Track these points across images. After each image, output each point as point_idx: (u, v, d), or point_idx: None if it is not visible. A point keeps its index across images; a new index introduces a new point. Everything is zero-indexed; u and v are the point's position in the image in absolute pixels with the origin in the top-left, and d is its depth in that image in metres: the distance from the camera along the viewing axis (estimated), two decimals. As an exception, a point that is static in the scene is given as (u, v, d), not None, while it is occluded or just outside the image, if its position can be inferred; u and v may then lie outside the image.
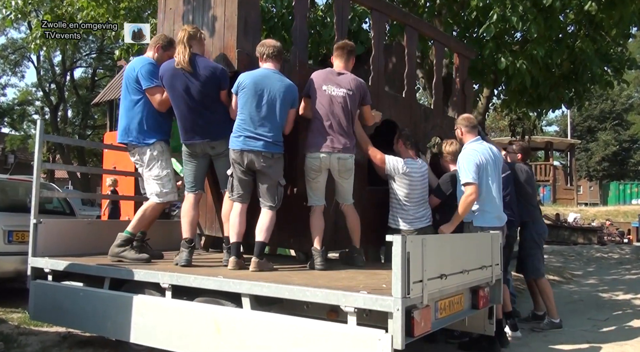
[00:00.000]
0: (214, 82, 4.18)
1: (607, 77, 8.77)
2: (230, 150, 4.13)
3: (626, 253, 13.17)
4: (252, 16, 4.29)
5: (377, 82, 5.16)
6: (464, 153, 4.77)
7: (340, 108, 4.28)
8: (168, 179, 4.49)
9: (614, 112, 42.45)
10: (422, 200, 4.92)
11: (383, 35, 5.49)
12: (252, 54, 4.25)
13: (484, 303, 4.12)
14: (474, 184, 4.60)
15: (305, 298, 3.25)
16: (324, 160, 4.24)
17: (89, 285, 4.33)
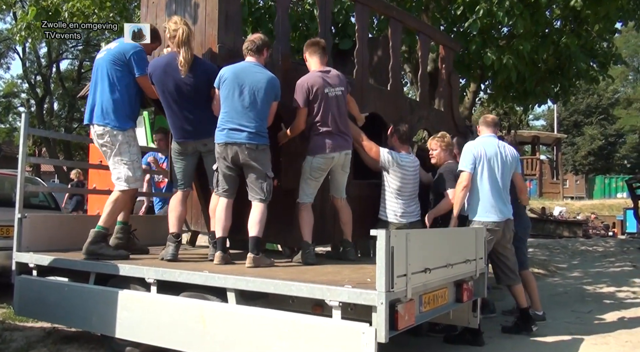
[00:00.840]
0: (206, 80, 4.15)
1: (592, 72, 8.85)
2: (216, 144, 4.12)
3: (610, 246, 13.34)
4: (232, 10, 4.25)
5: (362, 75, 5.16)
6: (467, 145, 4.97)
7: (340, 106, 4.40)
8: (139, 165, 4.45)
9: (600, 107, 42.77)
10: (413, 195, 4.98)
11: (367, 28, 5.48)
12: (233, 48, 4.23)
13: (468, 296, 4.17)
14: (466, 172, 4.78)
15: (290, 293, 3.27)
16: (335, 159, 4.35)
17: (74, 280, 4.31)
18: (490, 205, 4.82)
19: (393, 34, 5.63)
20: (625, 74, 48.80)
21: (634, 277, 8.63)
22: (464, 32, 7.82)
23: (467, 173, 4.78)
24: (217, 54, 4.20)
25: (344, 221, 4.57)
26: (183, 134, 4.27)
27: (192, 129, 4.24)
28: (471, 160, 4.81)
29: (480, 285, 4.41)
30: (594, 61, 8.92)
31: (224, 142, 4.06)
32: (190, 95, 4.14)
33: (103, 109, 4.30)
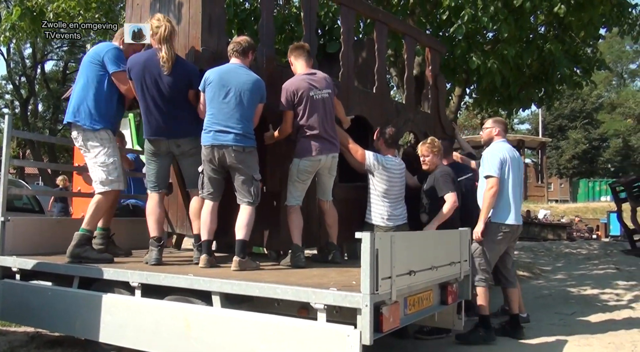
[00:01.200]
0: (186, 80, 4.14)
1: (576, 77, 8.96)
2: (202, 147, 4.09)
3: (594, 249, 13.46)
4: (216, 13, 4.25)
5: (347, 77, 5.17)
6: (490, 149, 5.00)
7: (327, 109, 4.40)
8: (114, 167, 4.33)
9: (584, 112, 43.29)
10: (399, 197, 4.98)
11: (352, 31, 5.49)
12: (217, 51, 4.23)
13: (453, 299, 4.21)
14: (495, 177, 4.82)
15: (275, 295, 3.27)
16: (322, 162, 4.35)
17: (58, 284, 4.27)
18: (513, 208, 4.93)
19: (378, 37, 5.65)
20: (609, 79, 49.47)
21: (617, 280, 8.73)
22: (450, 37, 7.88)
23: (496, 178, 4.83)
24: (200, 56, 4.19)
25: (329, 223, 4.58)
26: (155, 131, 4.19)
27: (165, 127, 4.16)
28: (498, 165, 4.86)
29: (465, 287, 4.45)
30: (578, 67, 9.03)
31: (210, 145, 4.04)
32: (168, 93, 4.09)
33: (75, 107, 4.30)
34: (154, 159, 4.30)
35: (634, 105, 45.86)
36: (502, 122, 5.30)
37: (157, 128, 4.17)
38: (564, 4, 7.08)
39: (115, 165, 4.35)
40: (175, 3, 4.35)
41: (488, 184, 4.85)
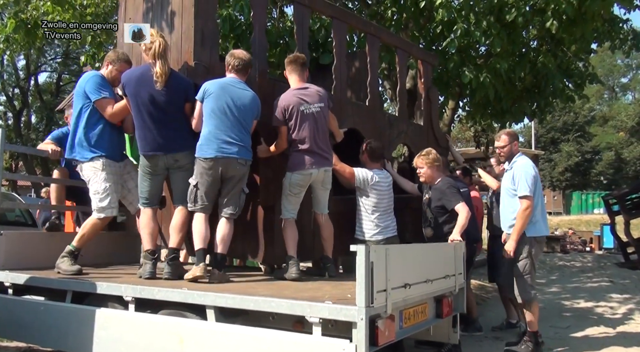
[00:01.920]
0: (181, 93, 4.14)
1: (568, 91, 9.03)
2: (201, 159, 4.05)
3: (588, 261, 13.49)
4: (209, 27, 4.26)
5: (340, 90, 5.19)
6: (522, 166, 4.96)
7: (319, 123, 4.39)
8: (106, 194, 4.36)
9: (576, 124, 43.59)
10: (388, 210, 4.99)
11: (345, 44, 5.52)
12: (209, 65, 4.24)
13: (448, 312, 4.20)
14: (531, 197, 4.82)
15: (270, 309, 3.25)
16: (314, 176, 4.35)
17: (51, 299, 4.22)
18: (543, 219, 5.00)
19: (370, 50, 5.67)
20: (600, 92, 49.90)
21: (611, 293, 8.75)
22: (442, 51, 7.94)
23: (532, 199, 4.83)
24: (193, 71, 4.19)
25: (324, 236, 4.57)
26: (153, 147, 4.15)
27: (163, 142, 4.14)
28: (533, 183, 4.86)
29: (460, 300, 4.45)
30: (570, 80, 9.10)
31: (214, 157, 4.01)
32: (165, 107, 4.08)
33: (70, 142, 4.46)
34: (149, 176, 4.26)
35: (626, 119, 46.23)
36: (516, 135, 5.34)
37: (155, 144, 4.14)
38: (556, 20, 7.16)
39: (107, 193, 4.36)
40: (168, 17, 4.37)
41: (524, 204, 4.83)
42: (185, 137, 4.19)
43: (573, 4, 7.00)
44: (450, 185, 4.98)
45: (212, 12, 4.33)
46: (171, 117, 4.14)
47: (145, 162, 4.23)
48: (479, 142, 14.90)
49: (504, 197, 5.13)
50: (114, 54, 4.54)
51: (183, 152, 4.17)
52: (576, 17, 7.33)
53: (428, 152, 5.17)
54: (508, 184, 5.05)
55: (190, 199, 4.12)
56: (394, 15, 8.42)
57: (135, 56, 4.58)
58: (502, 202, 5.18)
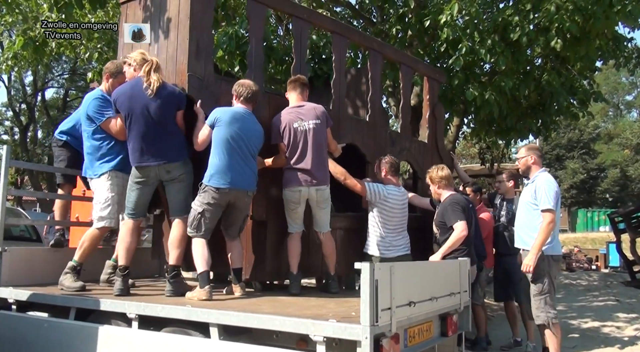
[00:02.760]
0: (173, 103, 4.14)
1: (573, 109, 9.05)
2: (212, 189, 4.06)
3: (594, 280, 13.37)
4: (204, 40, 4.27)
5: (339, 106, 5.16)
6: (543, 180, 4.86)
7: (312, 141, 4.41)
8: (107, 203, 4.38)
9: (581, 142, 43.51)
10: (400, 227, 4.96)
11: (345, 59, 5.50)
12: (204, 77, 4.24)
13: (453, 330, 4.16)
14: (554, 211, 4.72)
15: (274, 327, 3.23)
16: (303, 194, 4.39)
17: (55, 315, 4.21)
18: (558, 240, 4.93)
19: (372, 65, 5.65)
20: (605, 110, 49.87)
21: (617, 312, 8.65)
22: (447, 69, 7.98)
23: (554, 213, 4.73)
24: (187, 83, 4.17)
25: (326, 254, 4.60)
26: (145, 157, 4.14)
27: (155, 152, 4.14)
28: (555, 197, 4.77)
29: (465, 318, 4.40)
30: (574, 98, 9.12)
31: (227, 188, 4.05)
32: (157, 117, 4.09)
33: (84, 163, 4.55)
34: (138, 187, 4.22)
35: (631, 136, 46.12)
36: (536, 149, 5.20)
37: (147, 154, 4.14)
38: (560, 38, 7.20)
39: (108, 203, 4.38)
40: (164, 29, 4.37)
41: (547, 217, 4.71)
42: (177, 148, 4.21)
43: (577, 22, 7.05)
44: (454, 202, 4.92)
45: (207, 25, 4.34)
46: (164, 128, 4.15)
47: (136, 173, 4.22)
48: (484, 159, 14.85)
49: (522, 212, 5.01)
50: (113, 66, 4.57)
51: (175, 163, 4.18)
52: (581, 36, 7.37)
53: (438, 168, 5.14)
54: (527, 198, 4.94)
55: (192, 225, 4.13)
56: (399, 33, 8.49)
57: None
58: (519, 217, 5.06)
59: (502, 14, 7.55)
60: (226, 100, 4.32)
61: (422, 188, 6.00)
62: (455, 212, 4.84)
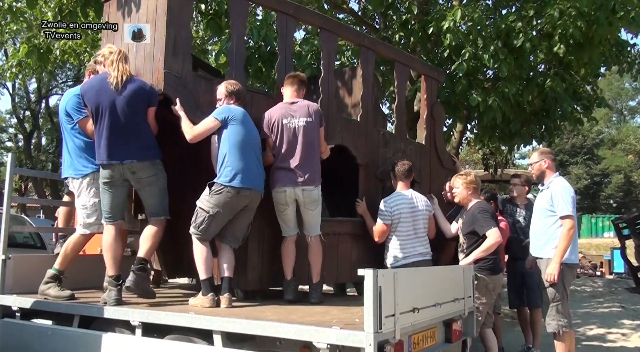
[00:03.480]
0: (141, 98, 3.98)
1: (576, 114, 9.04)
2: (229, 188, 3.93)
3: (599, 286, 13.30)
4: (182, 36, 4.10)
5: (327, 105, 4.87)
6: (559, 186, 4.71)
7: (301, 139, 4.25)
8: (94, 209, 4.25)
9: (585, 147, 43.49)
10: (415, 233, 4.86)
11: (334, 56, 5.31)
12: (181, 74, 4.07)
13: (457, 336, 4.14)
14: (573, 216, 4.58)
15: (277, 334, 3.22)
16: (289, 194, 4.23)
17: (59, 323, 4.21)
18: (574, 247, 4.72)
19: (364, 63, 5.40)
20: (609, 115, 49.77)
21: (622, 319, 8.61)
22: (450, 74, 7.99)
23: (574, 218, 4.59)
24: (164, 80, 4.02)
25: (311, 259, 4.40)
26: (108, 155, 3.95)
27: (119, 151, 3.95)
28: (573, 204, 4.64)
29: (469, 324, 4.38)
30: (578, 104, 9.12)
31: (239, 187, 3.95)
32: (124, 113, 3.93)
33: (64, 161, 4.43)
34: (108, 188, 4.05)
35: (635, 141, 46.02)
36: (549, 153, 5.02)
37: (109, 151, 3.95)
38: (563, 44, 7.20)
39: (95, 208, 4.27)
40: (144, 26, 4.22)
41: (567, 224, 4.55)
42: (144, 147, 4.02)
43: (581, 28, 7.05)
44: (483, 209, 4.76)
45: (185, 21, 4.18)
46: (130, 125, 3.97)
47: (103, 173, 4.05)
48: (487, 165, 14.82)
49: (537, 218, 4.86)
50: (96, 63, 4.40)
51: (141, 163, 3.98)
52: (584, 42, 7.37)
53: (467, 173, 5.02)
54: (543, 205, 4.79)
55: (200, 227, 3.98)
56: (402, 39, 8.51)
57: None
58: (535, 224, 4.91)
59: (505, 20, 7.56)
60: (205, 99, 4.19)
61: (419, 192, 5.56)
62: (486, 220, 4.67)
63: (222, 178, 3.97)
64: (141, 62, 4.18)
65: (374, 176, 5.26)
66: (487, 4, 9.02)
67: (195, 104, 4.13)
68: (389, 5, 8.58)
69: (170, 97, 4.04)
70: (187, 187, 4.56)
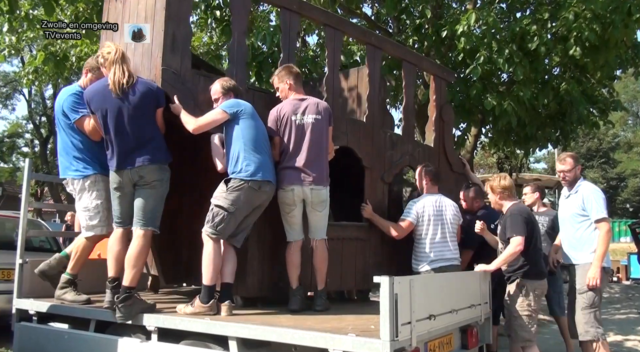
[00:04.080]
0: (150, 100, 3.83)
1: (593, 118, 8.96)
2: (250, 182, 3.78)
3: (615, 292, 13.14)
4: (181, 32, 3.96)
5: (332, 104, 4.68)
6: (590, 189, 4.65)
7: (310, 136, 4.12)
8: (97, 211, 4.17)
9: (600, 151, 43.05)
10: (440, 238, 4.79)
11: (339, 54, 5.18)
12: (180, 71, 3.93)
13: (474, 343, 4.10)
14: (608, 219, 4.50)
15: (293, 341, 3.21)
16: (297, 193, 4.07)
17: (75, 327, 4.23)
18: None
19: (370, 62, 5.21)
20: (624, 118, 49.21)
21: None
22: (465, 78, 7.95)
23: (609, 222, 4.52)
24: (162, 77, 3.90)
25: (316, 265, 4.19)
26: (118, 162, 3.84)
27: (130, 156, 3.83)
28: (605, 205, 4.57)
29: (486, 330, 4.35)
30: (594, 107, 9.04)
31: (272, 185, 3.91)
32: (132, 119, 3.79)
33: (62, 162, 4.30)
34: (117, 194, 3.91)
35: (651, 145, 45.52)
36: (579, 158, 4.98)
37: (119, 160, 3.84)
38: (579, 47, 7.14)
39: (98, 210, 4.19)
40: (141, 21, 4.12)
41: (603, 227, 4.48)
42: (154, 150, 3.86)
43: (596, 31, 6.98)
44: (514, 213, 4.49)
45: (185, 16, 4.04)
46: (139, 128, 3.84)
47: (112, 178, 3.91)
48: (502, 169, 14.74)
49: (569, 224, 4.73)
50: (94, 61, 4.28)
51: (150, 167, 3.82)
52: (599, 44, 7.30)
53: (493, 178, 4.84)
54: (574, 210, 4.66)
55: (218, 227, 3.77)
56: (415, 44, 8.49)
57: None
58: (566, 230, 4.77)
59: (520, 23, 7.52)
60: (204, 97, 4.04)
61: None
62: (513, 225, 4.40)
63: (242, 173, 3.80)
64: (139, 58, 4.05)
65: (380, 179, 5.17)
66: (501, 7, 8.97)
67: (194, 102, 3.99)
68: (403, 10, 8.57)
69: (168, 95, 3.90)
70: (185, 189, 4.52)
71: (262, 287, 4.28)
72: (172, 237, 4.43)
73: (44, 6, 7.25)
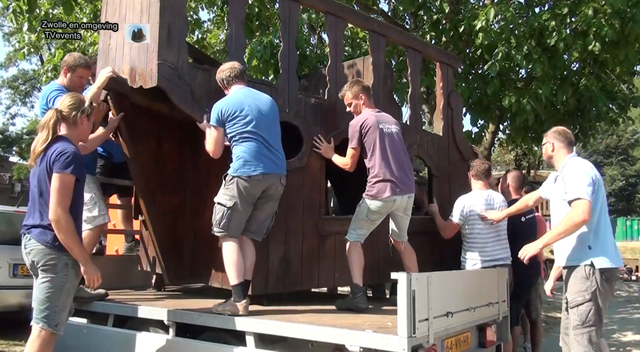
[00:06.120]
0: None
1: (612, 114, 8.84)
2: (243, 178, 3.66)
3: (634, 291, 12.99)
4: (177, 24, 3.80)
5: (335, 95, 4.59)
6: (573, 165, 3.62)
7: (399, 145, 4.23)
8: (93, 202, 4.26)
9: (619, 148, 42.47)
10: (492, 237, 4.71)
11: (341, 43, 5.06)
12: (176, 65, 3.76)
13: (492, 341, 4.08)
14: (587, 200, 3.39)
15: (310, 337, 3.22)
16: (397, 203, 4.12)
17: (93, 321, 4.28)
18: (612, 247, 3.67)
19: (373, 49, 5.08)
20: (644, 114, 48.53)
21: (659, 324, 8.38)
22: (483, 75, 7.89)
23: (588, 203, 3.43)
24: (158, 71, 3.69)
25: (408, 265, 4.36)
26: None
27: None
28: (591, 185, 3.53)
29: (504, 329, 4.31)
30: (613, 103, 8.92)
31: (261, 173, 3.67)
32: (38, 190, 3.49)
33: None
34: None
35: (671, 142, 44.80)
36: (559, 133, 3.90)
37: None
38: (598, 42, 7.04)
39: (94, 201, 4.28)
40: (136, 14, 3.98)
41: (578, 207, 3.40)
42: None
43: (615, 26, 6.89)
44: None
45: (180, 7, 3.89)
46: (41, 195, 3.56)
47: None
48: (520, 166, 14.62)
49: (554, 212, 3.77)
50: (71, 59, 4.27)
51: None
52: (619, 39, 7.20)
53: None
54: (559, 194, 3.68)
55: (221, 224, 3.70)
56: (432, 39, 8.44)
57: None
58: (554, 221, 3.75)
59: (538, 18, 7.43)
60: (203, 92, 3.91)
61: (437, 187, 5.46)
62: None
63: (231, 169, 3.73)
64: (136, 53, 3.89)
65: None
66: (519, 3, 8.87)
67: (192, 97, 3.82)
68: (420, 5, 8.51)
69: (165, 90, 3.72)
70: (188, 187, 4.49)
71: (269, 284, 4.18)
72: (175, 236, 4.44)
73: (63, 5, 7.32)
